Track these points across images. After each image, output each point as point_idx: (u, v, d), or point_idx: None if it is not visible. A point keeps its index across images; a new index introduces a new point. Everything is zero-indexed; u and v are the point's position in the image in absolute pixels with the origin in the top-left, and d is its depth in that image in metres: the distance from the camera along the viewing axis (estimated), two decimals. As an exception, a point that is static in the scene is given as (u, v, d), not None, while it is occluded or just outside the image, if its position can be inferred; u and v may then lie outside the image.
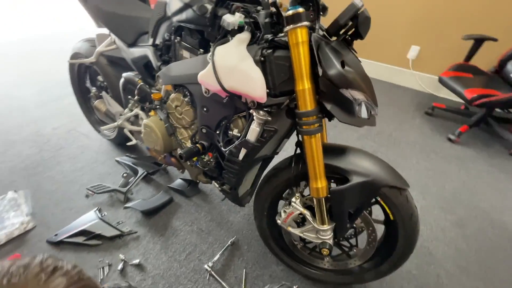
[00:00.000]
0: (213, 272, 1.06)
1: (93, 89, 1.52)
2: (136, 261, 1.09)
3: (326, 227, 0.83)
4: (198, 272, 1.07)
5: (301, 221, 0.94)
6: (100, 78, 1.44)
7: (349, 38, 0.72)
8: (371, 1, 2.49)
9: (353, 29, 0.69)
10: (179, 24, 0.85)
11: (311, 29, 0.71)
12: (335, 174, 0.81)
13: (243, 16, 0.72)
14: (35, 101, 2.16)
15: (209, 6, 0.73)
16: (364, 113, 0.74)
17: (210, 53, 0.74)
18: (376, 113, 0.77)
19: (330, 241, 0.84)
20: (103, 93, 1.36)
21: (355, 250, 0.96)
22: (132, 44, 1.10)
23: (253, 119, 0.76)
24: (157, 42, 0.96)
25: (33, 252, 1.13)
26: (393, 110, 2.26)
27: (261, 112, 0.74)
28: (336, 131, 1.96)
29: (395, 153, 1.77)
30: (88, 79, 1.56)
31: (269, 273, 1.09)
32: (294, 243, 1.04)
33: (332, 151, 0.83)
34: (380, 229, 0.92)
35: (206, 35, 0.80)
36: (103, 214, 1.26)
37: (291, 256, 1.05)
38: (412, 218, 0.81)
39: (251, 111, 0.75)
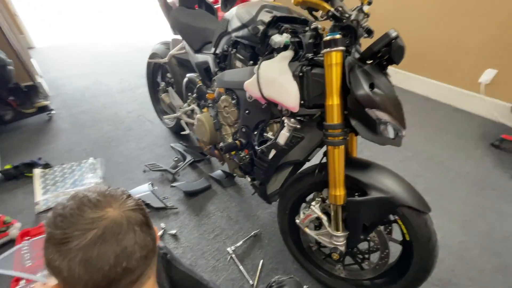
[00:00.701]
0: (233, 256, 1.21)
1: (162, 84, 1.83)
2: (173, 231, 1.31)
3: (339, 233, 0.90)
4: (221, 252, 1.23)
5: (318, 225, 1.02)
6: (169, 75, 1.73)
7: (384, 63, 0.79)
8: (442, 20, 2.35)
9: (387, 56, 0.76)
10: (236, 39, 1.03)
11: (347, 52, 0.80)
12: (355, 186, 0.87)
13: (289, 36, 0.85)
14: (117, 88, 2.64)
15: (261, 28, 0.89)
16: (390, 133, 0.80)
17: (257, 66, 0.89)
18: (403, 134, 0.82)
19: (342, 248, 0.91)
20: (169, 88, 1.64)
21: (367, 263, 1.00)
22: (198, 50, 1.33)
23: (284, 125, 0.88)
24: (217, 51, 1.16)
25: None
26: (452, 136, 2.10)
27: (292, 119, 0.86)
28: (379, 150, 1.92)
29: (441, 181, 1.67)
30: (160, 75, 1.88)
31: (284, 268, 1.18)
32: (310, 246, 1.12)
33: (356, 164, 0.89)
34: (397, 249, 0.94)
35: (257, 50, 0.96)
36: (154, 188, 1.52)
37: (306, 257, 1.13)
38: (429, 243, 0.82)
39: (283, 118, 0.88)
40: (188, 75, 1.42)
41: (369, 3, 0.88)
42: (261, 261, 1.20)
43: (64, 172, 1.62)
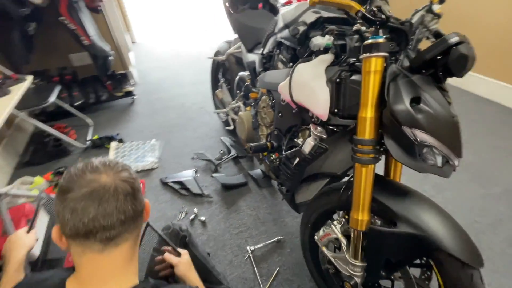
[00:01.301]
0: (251, 255, 1.22)
1: (222, 80, 1.96)
2: (203, 218, 1.40)
3: (357, 262, 0.80)
4: (241, 249, 1.26)
5: (338, 247, 0.92)
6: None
7: (441, 74, 0.65)
8: None
9: (445, 66, 0.62)
10: (280, 39, 1.01)
11: (394, 60, 0.69)
12: (384, 214, 0.75)
13: (332, 38, 0.80)
14: (189, 81, 2.95)
15: (301, 29, 0.85)
16: (437, 160, 0.66)
17: (292, 68, 0.86)
18: (455, 164, 0.67)
19: (358, 279, 0.80)
20: (223, 84, 1.74)
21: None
22: (250, 50, 1.37)
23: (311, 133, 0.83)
24: (264, 52, 1.17)
25: (151, 182, 1.65)
26: None
27: (318, 128, 0.80)
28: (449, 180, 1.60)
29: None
30: (221, 72, 2.02)
31: (299, 282, 1.13)
32: (328, 267, 1.03)
33: (390, 188, 0.78)
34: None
35: (297, 52, 0.92)
36: (196, 175, 1.66)
37: (323, 278, 1.04)
38: (469, 306, 0.65)
39: (311, 125, 0.82)
40: (240, 73, 1.48)
41: (441, 2, 0.74)
42: (277, 269, 1.17)
43: (131, 148, 1.91)
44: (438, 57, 0.62)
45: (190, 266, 0.82)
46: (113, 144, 1.93)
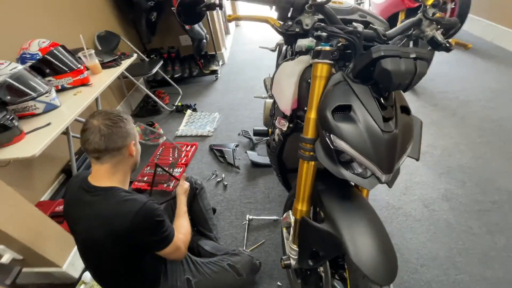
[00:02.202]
0: (248, 223, 1.45)
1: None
2: (226, 183, 1.71)
3: (293, 246, 0.90)
4: (243, 215, 1.50)
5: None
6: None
7: (381, 87, 0.65)
8: None
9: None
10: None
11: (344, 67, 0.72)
12: (320, 209, 0.82)
13: (314, 41, 0.86)
14: (266, 65, 3.20)
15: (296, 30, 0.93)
16: (355, 169, 0.69)
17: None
18: (381, 179, 0.67)
19: (292, 262, 0.91)
20: (270, 73, 1.90)
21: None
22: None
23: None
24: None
25: (202, 146, 2.07)
26: None
27: (282, 121, 0.91)
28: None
29: None
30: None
31: (275, 257, 1.29)
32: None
33: (339, 190, 0.82)
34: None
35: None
36: (235, 148, 1.96)
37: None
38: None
39: (277, 117, 0.94)
40: (278, 63, 1.61)
41: (435, 6, 0.70)
42: (263, 241, 1.36)
43: (199, 117, 2.40)
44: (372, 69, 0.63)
45: (185, 192, 1.17)
46: (188, 112, 2.47)
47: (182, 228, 1.04)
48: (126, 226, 0.79)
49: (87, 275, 1.25)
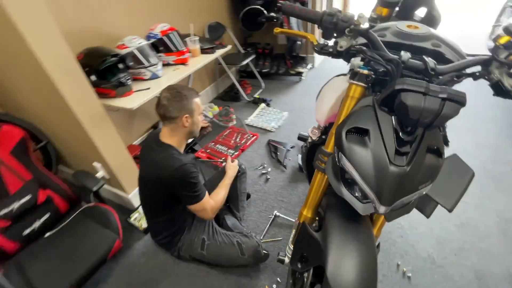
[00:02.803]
0: (273, 218, 1.55)
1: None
2: (269, 177, 1.85)
3: (291, 246, 0.97)
4: (271, 209, 1.62)
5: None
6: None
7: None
8: None
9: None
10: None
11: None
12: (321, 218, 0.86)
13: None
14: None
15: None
16: (357, 193, 0.70)
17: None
18: (377, 209, 0.67)
19: (287, 259, 0.98)
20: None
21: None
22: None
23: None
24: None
25: (262, 138, 2.24)
26: None
27: (315, 130, 0.97)
28: None
29: None
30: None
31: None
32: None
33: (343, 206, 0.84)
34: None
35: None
36: (289, 149, 2.06)
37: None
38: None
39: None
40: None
41: (509, 47, 0.66)
42: (281, 238, 1.44)
43: (269, 112, 2.58)
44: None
45: (233, 169, 1.40)
46: (262, 105, 2.69)
47: (216, 196, 1.25)
48: (165, 176, 1.04)
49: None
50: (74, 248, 1.31)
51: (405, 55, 0.71)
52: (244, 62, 2.71)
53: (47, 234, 1.37)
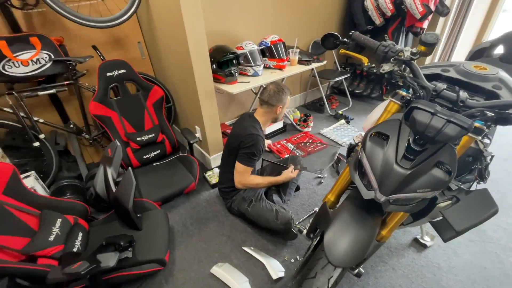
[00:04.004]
0: (312, 213, 1.77)
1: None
2: (323, 181, 2.06)
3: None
4: (313, 206, 1.85)
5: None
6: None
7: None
8: None
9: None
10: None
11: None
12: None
13: (393, 66, 1.03)
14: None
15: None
16: (364, 181, 0.90)
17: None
18: (376, 196, 0.86)
19: (304, 231, 1.22)
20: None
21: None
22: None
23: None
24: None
25: (330, 150, 2.44)
26: None
27: (359, 136, 1.17)
28: None
29: None
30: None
31: (301, 241, 1.56)
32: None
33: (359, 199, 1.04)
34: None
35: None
36: (330, 164, 2.18)
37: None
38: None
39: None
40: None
41: None
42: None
43: (346, 129, 2.73)
44: None
45: (287, 176, 1.65)
46: (342, 121, 2.86)
47: (255, 179, 1.60)
48: (242, 135, 1.50)
49: (216, 170, 2.12)
50: (167, 178, 1.90)
51: (440, 85, 0.87)
52: (337, 79, 2.95)
53: (155, 164, 2.03)
